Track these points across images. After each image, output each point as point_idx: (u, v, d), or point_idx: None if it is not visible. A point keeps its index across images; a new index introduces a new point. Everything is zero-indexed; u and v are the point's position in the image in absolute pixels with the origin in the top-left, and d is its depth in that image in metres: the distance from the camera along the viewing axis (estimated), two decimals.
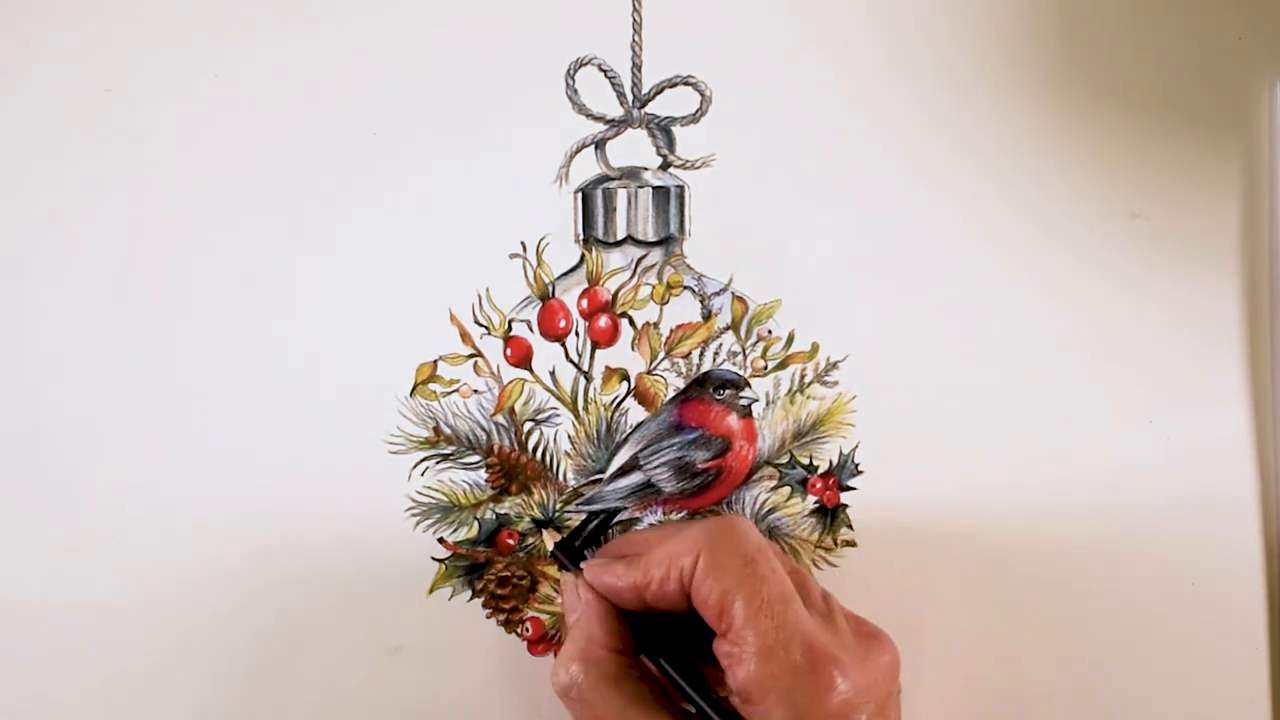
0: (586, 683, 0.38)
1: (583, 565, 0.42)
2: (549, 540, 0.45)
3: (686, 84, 0.46)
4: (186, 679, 0.46)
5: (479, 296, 0.46)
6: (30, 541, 0.46)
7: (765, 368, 0.46)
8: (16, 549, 0.46)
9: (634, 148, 0.46)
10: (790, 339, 0.46)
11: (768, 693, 0.36)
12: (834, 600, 0.40)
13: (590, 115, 0.46)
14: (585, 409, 0.46)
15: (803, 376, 0.46)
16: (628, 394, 0.46)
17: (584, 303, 0.46)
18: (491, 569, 0.46)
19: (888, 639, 0.39)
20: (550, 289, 0.46)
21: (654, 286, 0.46)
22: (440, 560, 0.46)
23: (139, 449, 0.46)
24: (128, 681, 0.46)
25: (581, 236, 0.46)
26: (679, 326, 0.46)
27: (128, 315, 0.46)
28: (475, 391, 0.46)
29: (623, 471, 0.46)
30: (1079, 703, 0.43)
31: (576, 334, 0.46)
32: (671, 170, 0.46)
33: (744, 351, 0.46)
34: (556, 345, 0.46)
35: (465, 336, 0.46)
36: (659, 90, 0.46)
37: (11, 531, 0.46)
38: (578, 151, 0.46)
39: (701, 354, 0.46)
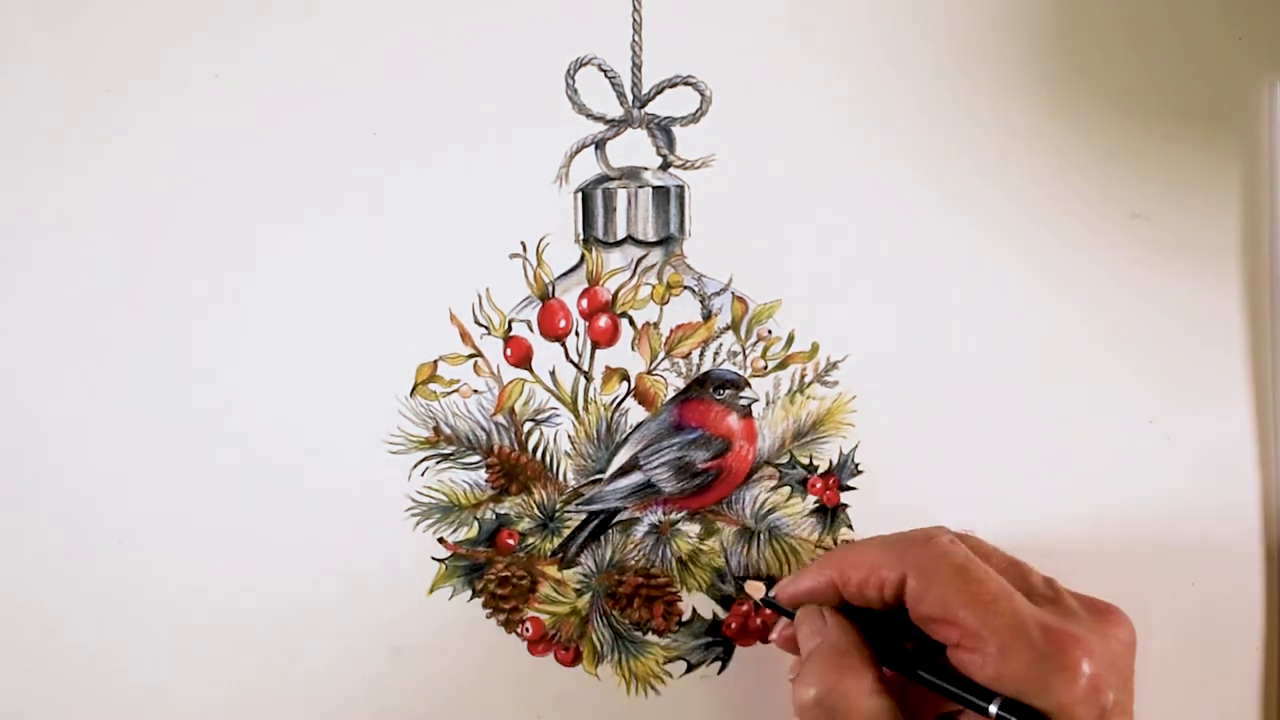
0: (839, 691, 0.38)
1: (774, 593, 0.43)
2: (754, 593, 0.45)
3: (686, 84, 0.46)
4: (186, 678, 0.46)
5: (479, 296, 0.46)
6: (29, 541, 0.46)
7: (765, 368, 0.46)
8: (15, 549, 0.46)
9: (634, 148, 0.46)
10: (790, 339, 0.46)
11: (1018, 685, 0.36)
12: (1058, 583, 0.40)
13: (590, 115, 0.46)
14: (585, 409, 0.46)
15: (803, 376, 0.46)
16: (628, 394, 0.46)
17: (584, 303, 0.46)
18: (491, 569, 0.46)
19: (1121, 613, 0.39)
20: (550, 289, 0.46)
21: (654, 286, 0.46)
22: (440, 560, 0.46)
23: (138, 449, 0.46)
24: (127, 681, 0.46)
25: (581, 236, 0.46)
26: (679, 326, 0.46)
27: (127, 315, 0.46)
28: (475, 391, 0.46)
29: (623, 471, 0.46)
30: None
31: (576, 334, 0.46)
32: (671, 170, 0.46)
33: (744, 351, 0.46)
34: (556, 345, 0.46)
35: (465, 336, 0.46)
36: (659, 90, 0.46)
37: (10, 531, 0.46)
38: (578, 151, 0.46)
39: (701, 354, 0.46)
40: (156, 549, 0.46)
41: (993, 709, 0.36)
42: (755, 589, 0.44)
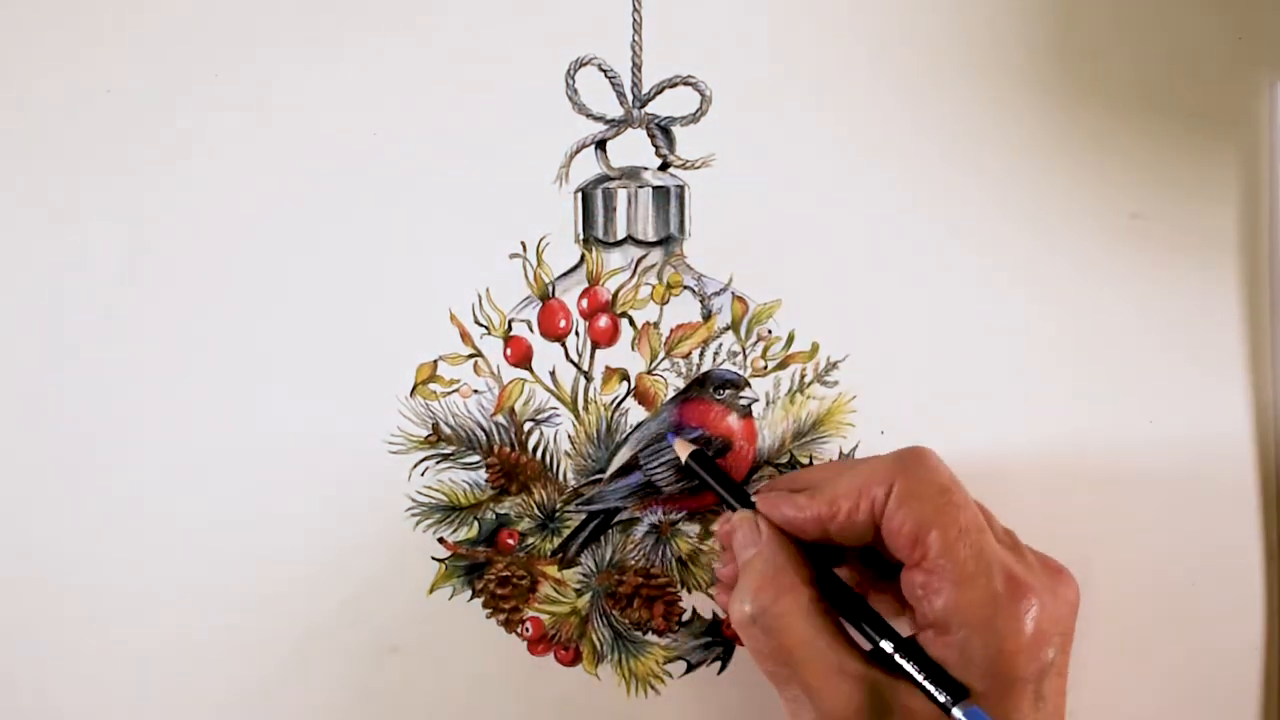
0: (775, 610, 0.37)
1: (755, 500, 0.40)
2: (682, 451, 0.42)
3: (686, 84, 0.46)
4: (186, 679, 0.46)
5: (479, 296, 0.46)
6: (30, 543, 0.46)
7: (765, 368, 0.46)
8: (16, 551, 0.46)
9: (634, 148, 0.46)
10: (790, 339, 0.46)
11: (966, 621, 0.35)
12: (1016, 536, 0.39)
13: (590, 115, 0.46)
14: (585, 409, 0.46)
15: (803, 376, 0.46)
16: (628, 394, 0.46)
17: (584, 303, 0.46)
18: (491, 569, 0.46)
19: (1070, 575, 0.39)
20: (550, 289, 0.46)
21: (654, 286, 0.46)
22: (440, 560, 0.46)
23: (139, 449, 0.46)
24: (127, 682, 0.46)
25: (581, 236, 0.46)
26: (679, 326, 0.46)
27: (128, 315, 0.46)
28: (475, 391, 0.46)
29: (623, 471, 0.46)
30: (1077, 701, 0.43)
31: (576, 334, 0.46)
32: (671, 170, 0.46)
33: (744, 351, 0.46)
34: (556, 345, 0.46)
35: (465, 336, 0.46)
36: (659, 90, 0.46)
37: (11, 533, 0.46)
38: (578, 151, 0.46)
39: (701, 354, 0.46)
40: (155, 549, 0.46)
41: (957, 712, 0.35)
42: (683, 448, 0.42)
